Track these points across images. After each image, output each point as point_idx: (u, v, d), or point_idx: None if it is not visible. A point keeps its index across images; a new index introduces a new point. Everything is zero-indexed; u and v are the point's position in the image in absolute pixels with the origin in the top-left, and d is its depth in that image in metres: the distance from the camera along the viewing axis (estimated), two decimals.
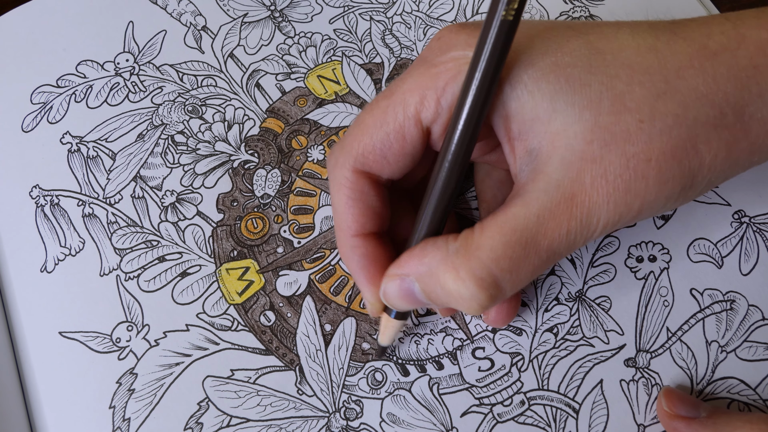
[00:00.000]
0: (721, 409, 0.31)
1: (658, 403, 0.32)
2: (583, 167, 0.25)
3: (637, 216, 0.26)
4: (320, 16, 0.44)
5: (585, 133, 0.25)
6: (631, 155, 0.25)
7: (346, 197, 0.30)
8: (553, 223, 0.25)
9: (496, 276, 0.26)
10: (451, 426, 0.33)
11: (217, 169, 0.39)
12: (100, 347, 0.34)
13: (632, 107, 0.25)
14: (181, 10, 0.44)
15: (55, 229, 0.37)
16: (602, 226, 0.26)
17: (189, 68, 0.42)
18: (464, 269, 0.26)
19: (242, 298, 0.36)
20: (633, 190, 0.25)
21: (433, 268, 0.27)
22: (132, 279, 0.36)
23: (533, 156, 0.26)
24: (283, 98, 0.41)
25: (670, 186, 0.26)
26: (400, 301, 0.29)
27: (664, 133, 0.25)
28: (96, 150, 0.39)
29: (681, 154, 0.25)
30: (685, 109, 0.25)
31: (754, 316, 0.34)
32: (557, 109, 0.25)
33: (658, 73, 0.26)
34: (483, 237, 0.26)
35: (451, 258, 0.26)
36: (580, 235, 0.26)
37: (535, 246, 0.26)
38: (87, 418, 0.33)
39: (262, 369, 0.34)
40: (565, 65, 0.26)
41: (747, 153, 0.27)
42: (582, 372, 0.33)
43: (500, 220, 0.26)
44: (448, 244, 0.27)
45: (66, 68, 0.42)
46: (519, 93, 0.26)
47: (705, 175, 0.27)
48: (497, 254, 0.26)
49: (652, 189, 0.26)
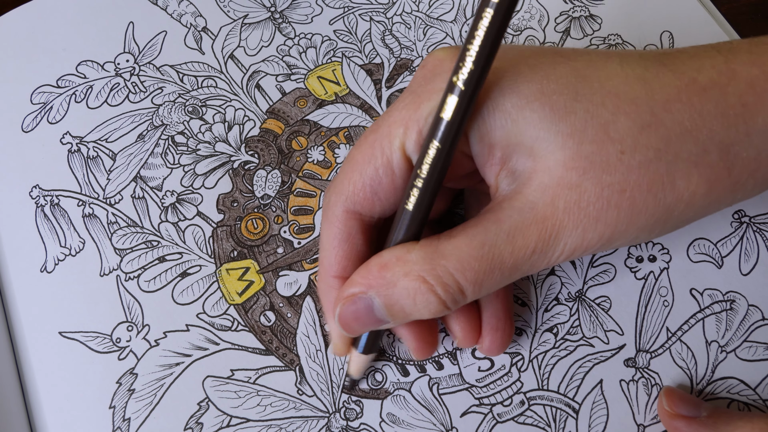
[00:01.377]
0: (721, 409, 0.31)
1: (659, 402, 0.32)
2: (558, 192, 0.25)
3: (607, 244, 0.26)
4: (320, 17, 0.44)
5: (566, 160, 0.25)
6: (606, 185, 0.25)
7: (333, 237, 0.29)
8: (521, 242, 0.26)
9: (461, 284, 0.26)
10: (450, 426, 0.33)
11: (218, 170, 0.39)
12: (100, 347, 0.34)
13: (615, 137, 0.25)
14: (182, 11, 0.44)
15: (55, 229, 0.37)
16: (568, 250, 0.26)
17: (189, 69, 0.42)
18: (430, 275, 0.26)
19: (242, 299, 0.36)
20: (603, 219, 0.25)
21: (394, 278, 0.27)
22: (132, 279, 0.36)
23: (515, 177, 0.26)
24: (283, 99, 0.41)
25: (643, 218, 0.26)
26: (357, 322, 0.29)
27: (643, 166, 0.25)
28: (96, 150, 0.39)
29: (657, 188, 0.25)
30: (667, 144, 0.25)
31: (754, 316, 0.34)
32: (540, 137, 0.25)
33: (644, 104, 0.25)
34: (450, 246, 0.26)
35: (415, 265, 0.26)
36: (544, 256, 0.26)
37: (501, 262, 0.26)
38: (87, 418, 0.33)
39: (262, 369, 0.34)
40: (550, 92, 0.25)
41: (729, 191, 0.27)
42: (582, 372, 0.34)
43: (470, 233, 0.26)
44: (408, 252, 0.27)
45: (66, 68, 0.42)
46: (503, 122, 0.26)
47: (682, 211, 0.26)
48: (463, 265, 0.26)
49: (623, 219, 0.26)
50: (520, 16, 0.43)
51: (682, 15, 0.42)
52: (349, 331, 0.29)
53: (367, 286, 0.28)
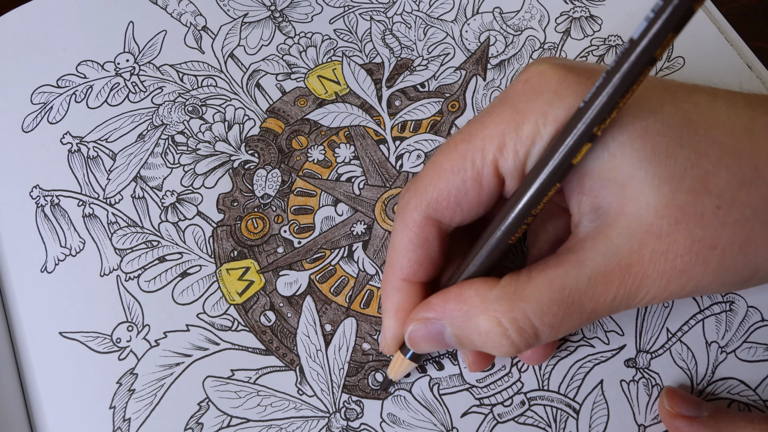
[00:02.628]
0: (722, 409, 0.31)
1: (660, 402, 0.32)
2: (646, 240, 0.24)
3: (688, 294, 0.26)
4: (320, 16, 0.44)
5: (658, 207, 0.24)
6: (698, 239, 0.24)
7: (408, 240, 0.29)
8: (602, 288, 0.25)
9: (537, 328, 0.26)
10: (451, 426, 0.33)
11: (218, 170, 0.39)
12: (100, 347, 0.34)
13: (713, 190, 0.24)
14: (182, 10, 0.44)
15: (55, 229, 0.37)
16: (649, 298, 0.26)
17: (189, 68, 0.42)
18: (507, 318, 0.26)
19: (242, 298, 0.36)
20: (689, 273, 0.25)
21: (471, 314, 0.27)
22: (132, 279, 0.36)
23: (599, 213, 0.26)
24: (283, 98, 0.41)
25: (729, 275, 0.25)
26: (426, 343, 0.29)
27: (739, 224, 0.24)
28: (96, 150, 0.39)
29: (749, 247, 0.25)
30: (766, 203, 0.24)
31: (754, 317, 0.34)
32: (636, 177, 0.24)
33: (749, 159, 0.24)
34: (530, 288, 0.26)
35: (492, 305, 0.26)
36: (624, 303, 0.26)
37: (580, 307, 0.25)
38: (87, 418, 0.33)
39: (263, 369, 0.34)
40: (654, 132, 0.24)
41: None
42: (582, 372, 0.34)
43: (551, 275, 0.26)
44: (490, 290, 0.26)
45: (66, 68, 0.42)
46: (600, 154, 0.25)
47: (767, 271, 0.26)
48: (542, 309, 0.25)
49: (709, 275, 0.25)
50: (520, 15, 0.43)
51: None
52: (415, 349, 0.30)
53: (442, 315, 0.28)
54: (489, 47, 0.42)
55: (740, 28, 0.42)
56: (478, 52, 0.42)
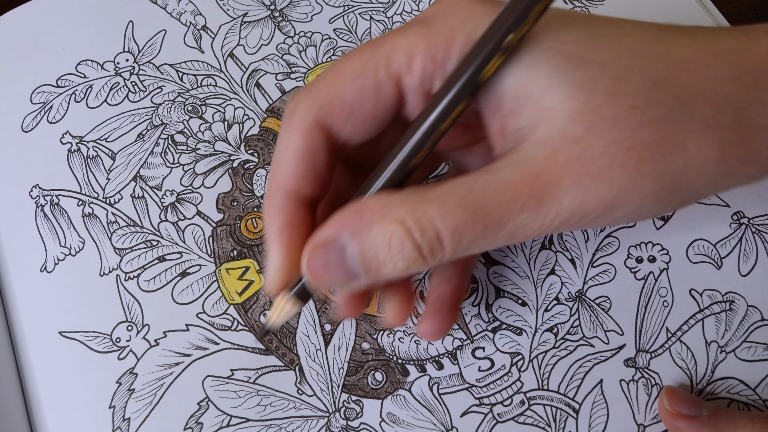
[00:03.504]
0: (722, 408, 0.31)
1: (659, 402, 0.32)
2: (560, 146, 0.23)
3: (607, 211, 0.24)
4: (320, 16, 0.44)
5: (572, 112, 0.23)
6: (613, 140, 0.23)
7: (296, 146, 0.27)
8: (510, 196, 0.23)
9: (440, 231, 0.23)
10: (451, 426, 0.33)
11: (217, 169, 0.39)
12: (100, 347, 0.34)
13: (627, 91, 0.23)
14: (181, 10, 0.44)
15: (55, 228, 0.37)
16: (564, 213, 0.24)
17: (189, 68, 0.42)
18: (410, 218, 0.23)
19: (242, 298, 0.36)
20: (607, 178, 0.23)
21: (372, 220, 0.24)
22: (132, 279, 0.36)
23: (517, 133, 0.24)
24: (283, 98, 0.41)
25: (650, 182, 0.24)
26: (326, 272, 0.25)
27: (654, 123, 0.23)
28: (96, 150, 0.39)
29: (667, 148, 0.23)
30: (681, 102, 0.24)
31: (754, 316, 0.34)
32: (551, 86, 0.23)
33: (661, 61, 0.24)
34: (435, 191, 0.24)
35: (395, 207, 0.24)
36: (536, 216, 0.24)
37: (486, 215, 0.23)
38: (87, 418, 0.33)
39: (262, 369, 0.34)
40: (567, 42, 0.24)
41: (742, 162, 0.25)
42: (582, 372, 0.34)
43: (458, 181, 0.24)
44: (389, 195, 0.24)
45: (66, 68, 0.42)
46: (515, 69, 0.24)
47: (691, 179, 0.24)
48: (444, 210, 0.23)
49: (628, 180, 0.23)
50: None
51: (682, 16, 0.42)
52: (318, 282, 0.26)
53: (341, 227, 0.25)
54: None
55: None
56: None
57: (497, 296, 0.35)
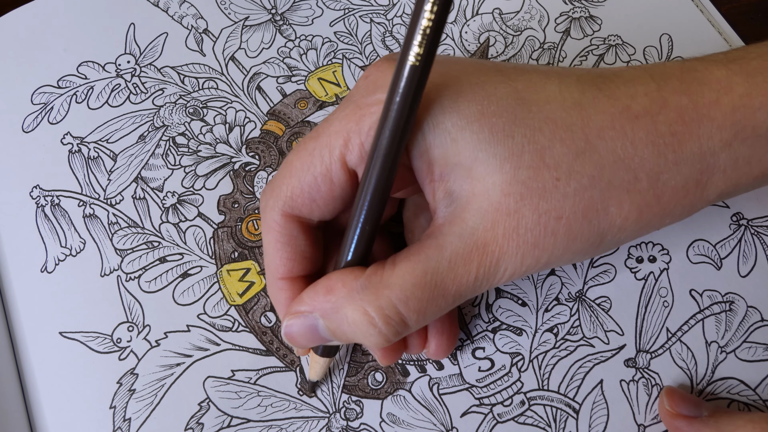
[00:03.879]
0: (722, 409, 0.31)
1: (659, 402, 0.32)
2: (497, 219, 0.25)
3: (544, 266, 0.27)
4: (321, 19, 0.44)
5: (503, 185, 0.25)
6: (543, 211, 0.25)
7: (275, 240, 0.29)
8: (462, 269, 0.26)
9: (403, 315, 0.26)
10: (451, 426, 0.33)
11: (218, 171, 0.39)
12: (100, 347, 0.34)
13: (551, 164, 0.25)
14: (183, 13, 0.44)
15: (55, 229, 0.37)
16: (508, 274, 0.27)
17: (190, 70, 0.42)
18: (372, 307, 0.26)
19: (243, 299, 0.36)
20: (541, 245, 0.26)
21: (338, 305, 0.27)
22: (133, 279, 0.36)
23: (452, 198, 0.26)
24: (283, 101, 0.41)
25: (579, 243, 0.26)
26: (302, 338, 0.29)
27: (578, 193, 0.26)
28: (97, 151, 0.39)
29: (592, 214, 0.26)
30: (601, 171, 0.26)
31: (753, 317, 0.35)
32: (479, 159, 0.25)
33: (580, 131, 0.26)
34: (394, 276, 0.26)
35: (358, 294, 0.26)
36: (486, 281, 0.26)
37: (443, 290, 0.26)
38: (87, 418, 0.33)
39: (263, 370, 0.34)
40: (490, 114, 0.26)
41: (658, 217, 0.27)
42: (582, 372, 0.34)
43: (413, 261, 0.26)
44: (355, 280, 0.27)
45: (67, 69, 0.42)
46: (442, 140, 0.26)
47: (615, 235, 0.27)
48: (406, 295, 0.26)
49: (560, 245, 0.26)
50: (520, 16, 0.43)
51: (682, 16, 0.42)
52: (295, 345, 0.29)
53: (312, 308, 0.28)
54: (489, 48, 0.42)
55: (740, 29, 0.42)
56: (477, 52, 0.42)
57: (497, 296, 0.35)
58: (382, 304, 0.26)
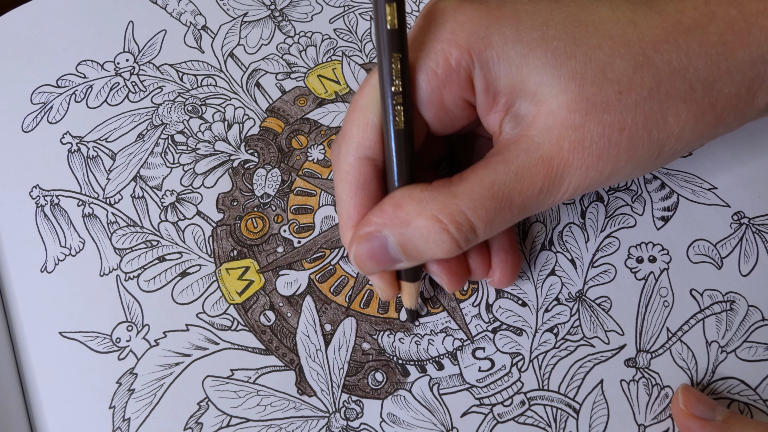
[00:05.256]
0: (737, 415, 0.31)
1: (673, 399, 0.32)
2: (563, 133, 0.27)
3: (606, 181, 0.28)
4: (320, 16, 0.44)
5: (569, 102, 0.27)
6: (607, 124, 0.27)
7: (349, 186, 0.30)
8: (528, 181, 0.27)
9: (473, 222, 0.27)
10: (451, 426, 0.33)
11: (217, 169, 0.39)
12: (100, 347, 0.34)
13: (613, 78, 0.27)
14: (181, 10, 0.44)
15: (55, 229, 0.37)
16: (573, 187, 0.28)
17: (189, 68, 0.42)
18: (443, 214, 0.27)
19: (242, 298, 0.36)
20: (605, 157, 0.27)
21: (408, 217, 0.28)
22: (132, 279, 0.36)
23: (518, 121, 0.28)
24: (283, 98, 0.41)
25: (639, 153, 0.28)
26: (372, 261, 0.29)
27: (639, 105, 0.27)
28: (96, 150, 0.39)
29: (652, 124, 0.27)
30: (658, 82, 0.27)
31: (754, 316, 0.34)
32: (544, 82, 0.27)
33: (637, 45, 0.27)
34: (462, 186, 0.27)
35: (428, 204, 0.27)
36: (551, 195, 0.28)
37: (510, 201, 0.27)
38: (87, 418, 0.33)
39: (262, 369, 0.34)
40: (551, 38, 0.27)
41: (712, 126, 0.29)
42: (582, 372, 0.33)
43: (480, 174, 0.27)
44: (422, 192, 0.28)
45: (66, 68, 0.42)
46: (508, 70, 0.27)
47: (672, 145, 0.28)
48: (475, 204, 0.27)
49: (622, 156, 0.27)
50: None
51: None
52: (364, 270, 0.30)
53: (381, 225, 0.28)
54: None
55: None
56: None
57: (497, 297, 0.35)
58: (452, 211, 0.27)
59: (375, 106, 0.29)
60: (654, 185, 0.38)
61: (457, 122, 0.30)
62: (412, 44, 0.28)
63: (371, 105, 0.29)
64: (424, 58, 0.28)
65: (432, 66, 0.28)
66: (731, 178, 0.38)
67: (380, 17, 0.26)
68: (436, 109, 0.29)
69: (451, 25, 0.28)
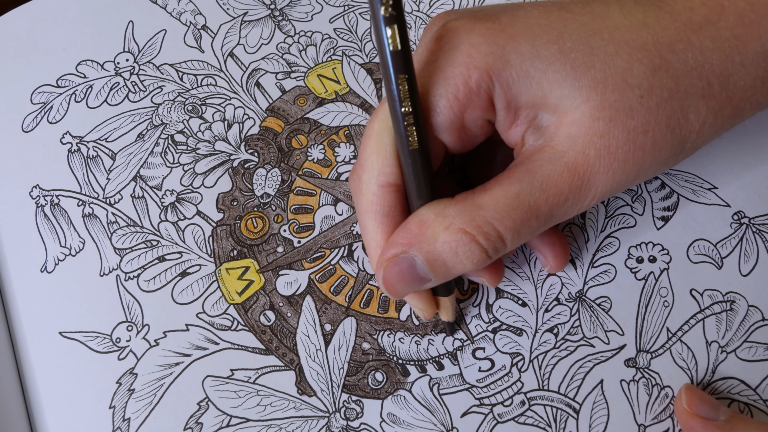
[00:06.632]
0: (740, 415, 0.31)
1: (677, 399, 0.32)
2: (588, 141, 0.27)
3: (631, 183, 0.29)
4: (320, 15, 0.44)
5: (592, 111, 0.27)
6: (631, 128, 0.27)
7: (373, 216, 0.30)
8: (555, 189, 0.27)
9: (501, 232, 0.27)
10: (451, 426, 0.33)
11: (217, 169, 0.39)
12: (100, 347, 0.34)
13: (633, 83, 0.27)
14: (181, 9, 0.44)
15: (55, 229, 0.37)
16: (600, 194, 0.28)
17: (189, 67, 0.42)
18: (470, 226, 0.27)
19: (242, 298, 0.36)
20: (631, 160, 0.28)
21: (435, 234, 0.28)
22: (132, 279, 0.36)
23: (541, 132, 0.28)
24: (283, 97, 0.41)
25: (664, 153, 0.28)
26: (401, 283, 0.29)
27: (660, 106, 0.27)
28: (96, 150, 0.39)
29: (674, 123, 0.28)
30: (677, 82, 0.27)
31: (754, 316, 0.34)
32: (565, 95, 0.27)
33: (652, 48, 0.27)
34: (486, 197, 0.28)
35: (454, 219, 0.28)
36: (578, 202, 0.28)
37: (536, 210, 0.28)
38: (87, 418, 0.33)
39: (262, 369, 0.34)
40: (568, 50, 0.27)
41: (731, 117, 0.29)
42: (582, 372, 0.33)
43: (504, 185, 0.28)
44: (446, 207, 0.28)
45: (66, 68, 0.42)
46: (527, 87, 0.27)
47: (694, 141, 0.29)
48: (501, 214, 0.27)
49: (648, 158, 0.28)
50: None
51: None
52: (393, 293, 0.30)
53: (408, 245, 0.28)
54: None
55: None
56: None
57: (497, 297, 0.35)
58: (479, 223, 0.27)
59: (389, 131, 0.28)
60: (654, 185, 0.38)
61: (475, 140, 0.30)
62: (427, 68, 0.28)
63: (385, 131, 0.29)
64: (443, 84, 0.28)
65: (452, 91, 0.28)
66: (731, 178, 0.38)
67: (382, 40, 0.26)
68: (458, 133, 0.29)
69: (467, 48, 0.27)
